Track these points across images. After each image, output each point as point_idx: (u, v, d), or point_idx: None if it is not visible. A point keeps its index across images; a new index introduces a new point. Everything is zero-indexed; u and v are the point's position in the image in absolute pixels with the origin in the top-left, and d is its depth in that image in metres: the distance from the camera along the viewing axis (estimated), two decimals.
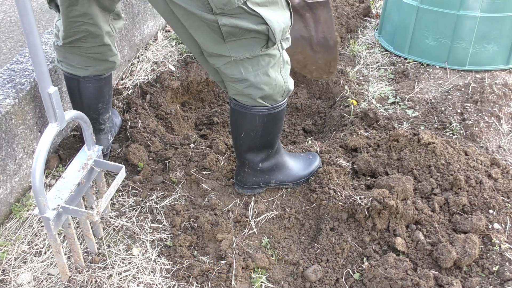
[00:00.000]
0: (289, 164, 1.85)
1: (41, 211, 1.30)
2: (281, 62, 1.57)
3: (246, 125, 1.68)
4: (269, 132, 1.71)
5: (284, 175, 1.84)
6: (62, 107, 1.28)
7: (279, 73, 1.57)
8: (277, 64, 1.56)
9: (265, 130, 1.69)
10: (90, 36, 1.68)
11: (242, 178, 1.82)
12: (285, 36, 1.54)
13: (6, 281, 1.51)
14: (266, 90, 1.56)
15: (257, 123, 1.66)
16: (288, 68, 1.62)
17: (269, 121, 1.67)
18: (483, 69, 2.56)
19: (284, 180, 1.84)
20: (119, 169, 1.53)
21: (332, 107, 2.63)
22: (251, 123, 1.67)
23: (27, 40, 1.14)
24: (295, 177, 1.84)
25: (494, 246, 1.60)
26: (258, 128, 1.68)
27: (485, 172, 1.85)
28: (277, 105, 1.63)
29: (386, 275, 1.48)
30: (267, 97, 1.58)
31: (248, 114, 1.64)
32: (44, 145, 1.24)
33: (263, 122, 1.66)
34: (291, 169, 1.85)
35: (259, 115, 1.64)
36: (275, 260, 1.62)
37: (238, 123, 1.69)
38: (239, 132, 1.71)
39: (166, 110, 2.44)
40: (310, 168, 1.87)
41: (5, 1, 3.14)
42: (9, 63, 1.95)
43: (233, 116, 1.68)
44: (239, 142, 1.74)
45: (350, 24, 3.08)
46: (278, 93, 1.60)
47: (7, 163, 1.67)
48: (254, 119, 1.65)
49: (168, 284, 1.53)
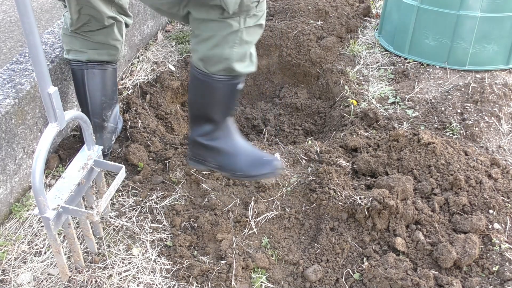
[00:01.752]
0: (237, 153, 1.74)
1: (41, 211, 1.30)
2: (236, 39, 1.53)
3: (190, 87, 1.70)
4: (206, 104, 1.67)
5: (225, 161, 1.74)
6: (62, 107, 1.28)
7: (228, 47, 1.53)
8: (231, 38, 1.52)
9: (202, 99, 1.66)
10: (94, 20, 1.79)
11: (188, 147, 1.79)
12: (249, 11, 1.50)
13: (6, 281, 1.51)
14: (206, 53, 1.55)
15: (195, 86, 1.65)
16: (244, 50, 1.57)
17: (206, 90, 1.63)
18: (483, 69, 2.56)
19: (223, 166, 1.75)
20: (119, 169, 1.53)
21: (332, 107, 2.63)
22: (192, 86, 1.67)
23: (27, 40, 1.14)
24: (235, 169, 1.73)
25: (494, 246, 1.60)
26: (196, 94, 1.67)
27: (485, 172, 1.85)
28: (214, 76, 1.59)
29: (386, 275, 1.48)
30: (205, 61, 1.56)
31: (192, 75, 1.65)
32: (44, 145, 1.24)
33: (199, 88, 1.64)
34: (236, 159, 1.73)
35: (196, 78, 1.63)
36: (275, 260, 1.62)
37: (189, 84, 1.72)
38: (188, 95, 1.74)
39: (166, 110, 2.44)
40: (256, 170, 1.72)
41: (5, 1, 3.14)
42: (9, 63, 1.94)
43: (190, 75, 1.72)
44: (188, 106, 1.74)
45: (350, 24, 3.08)
46: (216, 64, 1.56)
47: (7, 163, 1.67)
48: (193, 81, 1.65)
49: (168, 284, 1.53)
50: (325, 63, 2.78)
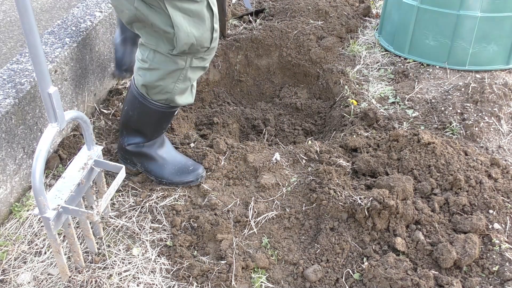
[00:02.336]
0: (164, 162, 1.86)
1: (41, 211, 1.30)
2: (181, 76, 1.63)
3: (127, 102, 1.77)
4: (140, 122, 1.78)
5: (151, 166, 1.86)
6: (62, 107, 1.28)
7: (172, 82, 1.63)
8: (176, 75, 1.62)
9: (138, 116, 1.76)
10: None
11: (117, 149, 1.91)
12: (196, 54, 1.58)
13: (6, 281, 1.51)
14: (151, 83, 1.63)
15: (132, 104, 1.74)
16: (186, 86, 1.67)
17: (143, 111, 1.74)
18: (483, 69, 2.56)
19: (150, 171, 1.87)
20: (119, 169, 1.53)
21: (332, 107, 2.63)
22: (130, 103, 1.75)
23: (27, 40, 1.14)
24: (159, 175, 1.86)
25: (494, 246, 1.60)
26: (133, 111, 1.76)
27: (485, 172, 1.85)
28: (154, 103, 1.70)
29: (386, 275, 1.48)
30: (148, 88, 1.67)
31: (131, 92, 1.73)
32: (44, 145, 1.24)
33: (137, 107, 1.74)
34: (162, 167, 1.85)
35: (135, 98, 1.72)
36: (275, 260, 1.62)
37: (126, 98, 1.80)
38: (124, 105, 1.80)
39: None
40: (180, 178, 1.85)
41: (5, 1, 3.14)
42: (9, 63, 1.94)
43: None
44: (121, 116, 1.84)
45: (350, 24, 3.08)
46: (158, 94, 1.68)
47: (7, 163, 1.67)
48: (132, 99, 1.73)
49: (168, 284, 1.53)
50: (325, 63, 2.78)
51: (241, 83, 2.90)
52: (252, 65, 2.88)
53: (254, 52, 2.86)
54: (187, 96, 1.74)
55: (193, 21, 1.48)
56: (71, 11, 2.35)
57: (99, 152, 1.54)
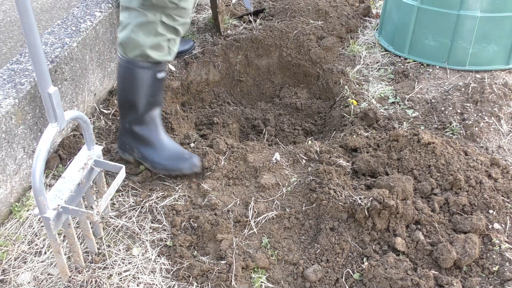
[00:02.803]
0: (159, 147, 1.89)
1: (41, 211, 1.30)
2: (151, 29, 1.72)
3: (117, 76, 1.89)
4: (128, 90, 1.84)
5: (147, 152, 1.88)
6: (62, 107, 1.28)
7: (143, 35, 1.73)
8: (146, 28, 1.72)
9: (124, 84, 1.84)
10: None
11: (118, 136, 1.98)
12: (165, 9, 1.68)
13: (6, 281, 1.51)
14: (124, 39, 1.76)
15: (119, 74, 1.85)
16: (157, 41, 1.75)
17: (128, 76, 1.81)
18: (483, 69, 2.56)
19: (145, 156, 1.89)
20: (119, 169, 1.53)
21: (332, 107, 2.63)
22: (118, 74, 1.86)
23: (27, 40, 1.14)
24: (154, 161, 1.88)
25: (494, 246, 1.60)
26: (120, 80, 1.86)
27: (485, 172, 1.85)
28: (133, 61, 1.78)
29: (386, 275, 1.48)
30: (124, 46, 1.77)
31: (118, 64, 1.84)
32: (44, 145, 1.24)
33: (122, 74, 1.83)
34: (157, 151, 1.88)
35: (120, 66, 1.82)
36: (275, 260, 1.62)
37: (116, 73, 1.92)
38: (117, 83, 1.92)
39: (166, 110, 2.44)
40: (174, 165, 1.87)
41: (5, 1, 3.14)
42: (9, 63, 1.95)
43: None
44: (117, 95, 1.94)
45: (350, 24, 3.08)
46: (133, 50, 1.76)
47: (7, 163, 1.67)
48: (118, 68, 1.84)
49: (168, 284, 1.53)
50: (325, 63, 2.78)
51: (241, 83, 2.90)
52: (252, 65, 2.88)
53: (254, 52, 2.86)
54: (162, 52, 1.79)
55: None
56: (71, 11, 2.35)
57: (99, 152, 1.54)
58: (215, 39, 2.90)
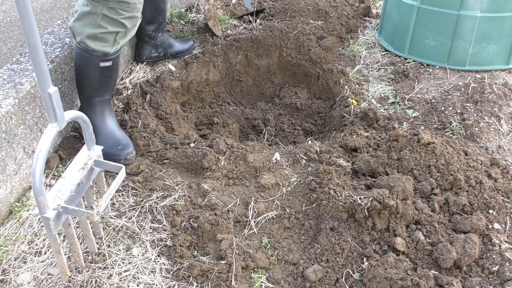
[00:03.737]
0: (99, 132, 1.98)
1: (41, 211, 1.30)
2: (92, 20, 1.81)
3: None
4: (76, 72, 1.96)
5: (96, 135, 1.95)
6: (62, 107, 1.28)
7: (84, 24, 1.82)
8: (87, 18, 1.81)
9: (74, 66, 1.96)
10: None
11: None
12: (108, 1, 1.74)
13: (6, 281, 1.51)
14: (71, 24, 1.87)
15: (73, 58, 1.98)
16: (97, 32, 1.82)
17: (75, 59, 1.93)
18: (483, 69, 2.56)
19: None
20: (119, 169, 1.53)
21: (332, 107, 2.63)
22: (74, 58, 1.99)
23: (27, 40, 1.14)
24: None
25: (494, 246, 1.60)
26: (73, 63, 1.99)
27: (485, 172, 1.85)
28: (77, 45, 1.88)
29: (386, 275, 1.48)
30: (71, 31, 1.88)
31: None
32: (44, 145, 1.24)
33: (74, 57, 1.95)
34: (97, 136, 1.95)
35: (73, 49, 1.96)
36: (275, 260, 1.62)
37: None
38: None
39: (166, 110, 2.45)
40: (111, 151, 1.94)
41: (5, 1, 3.14)
42: (9, 63, 1.95)
43: None
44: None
45: (350, 24, 3.08)
46: (76, 36, 1.87)
47: (7, 163, 1.67)
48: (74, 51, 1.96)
49: (168, 284, 1.53)
50: (325, 63, 2.78)
51: (241, 83, 2.90)
52: (252, 65, 2.88)
53: (254, 52, 2.86)
54: (101, 43, 1.86)
55: None
56: (71, 11, 2.35)
57: (99, 152, 1.53)
58: (215, 39, 2.90)
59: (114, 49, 1.92)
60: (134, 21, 1.87)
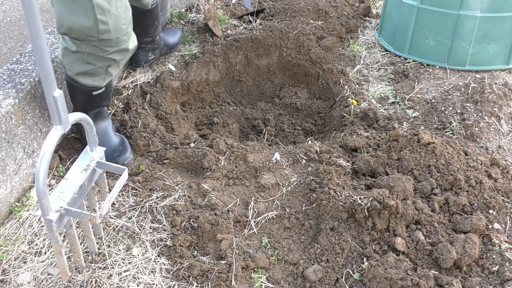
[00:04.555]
0: (106, 136, 1.98)
1: (44, 213, 1.30)
2: (80, 58, 1.76)
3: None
4: (69, 91, 1.93)
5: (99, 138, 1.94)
6: (66, 110, 1.28)
7: (72, 61, 1.78)
8: (74, 56, 1.76)
9: (67, 87, 1.92)
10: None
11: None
12: (90, 42, 1.68)
13: (6, 281, 1.51)
14: (61, 59, 1.82)
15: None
16: (87, 69, 1.79)
17: (68, 86, 1.90)
18: (483, 69, 2.56)
19: (84, 137, 1.97)
20: (122, 171, 1.53)
21: (332, 107, 2.63)
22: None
23: (33, 43, 1.14)
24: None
25: (494, 246, 1.60)
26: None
27: (485, 172, 1.86)
28: (68, 76, 1.85)
29: (386, 275, 1.49)
30: (63, 63, 1.83)
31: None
32: (48, 148, 1.23)
33: (66, 81, 1.91)
34: (107, 140, 1.98)
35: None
36: (275, 260, 1.62)
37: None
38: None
39: (166, 110, 2.45)
40: (109, 159, 1.89)
41: (5, 1, 3.14)
42: (9, 63, 1.95)
43: None
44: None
45: (350, 24, 3.08)
46: (67, 70, 1.84)
47: (7, 163, 1.67)
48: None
49: (168, 284, 1.53)
50: (325, 63, 2.78)
51: (241, 83, 2.90)
52: (252, 65, 2.89)
53: (254, 52, 2.86)
54: (92, 78, 1.84)
55: (68, 5, 1.60)
56: None
57: (101, 153, 1.53)
58: (215, 39, 2.90)
59: (106, 82, 1.89)
60: (123, 53, 1.80)
